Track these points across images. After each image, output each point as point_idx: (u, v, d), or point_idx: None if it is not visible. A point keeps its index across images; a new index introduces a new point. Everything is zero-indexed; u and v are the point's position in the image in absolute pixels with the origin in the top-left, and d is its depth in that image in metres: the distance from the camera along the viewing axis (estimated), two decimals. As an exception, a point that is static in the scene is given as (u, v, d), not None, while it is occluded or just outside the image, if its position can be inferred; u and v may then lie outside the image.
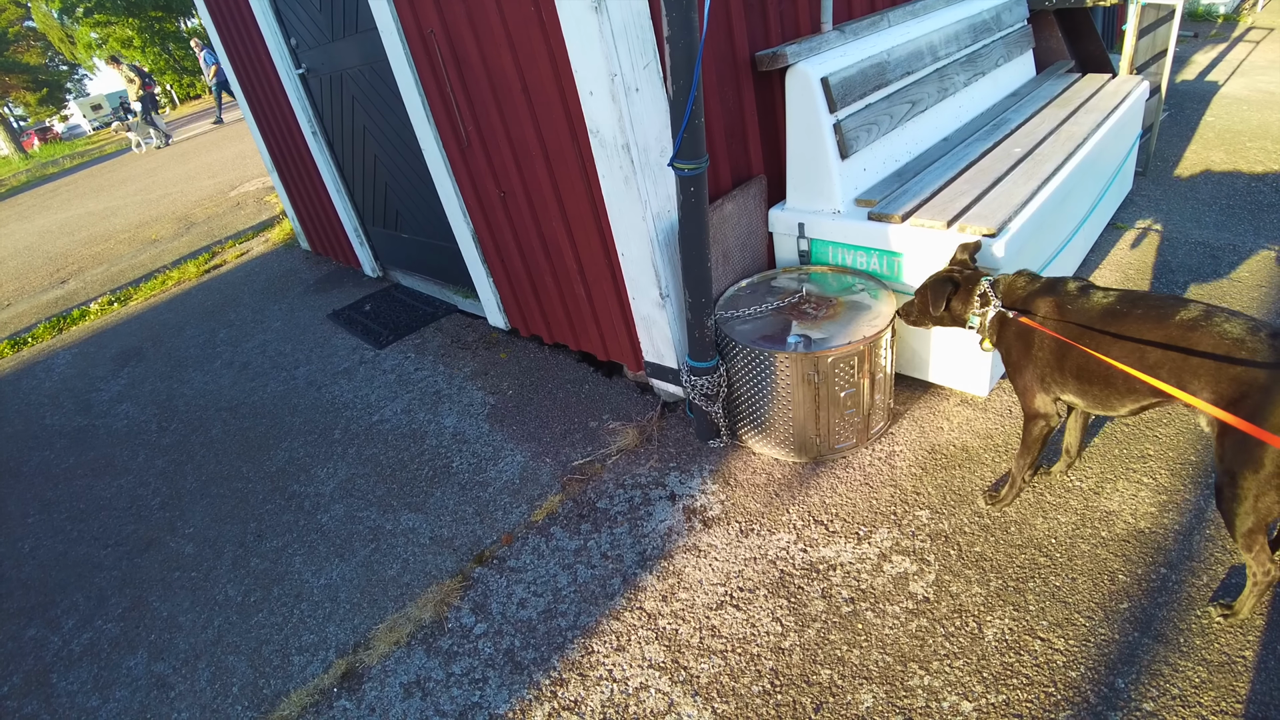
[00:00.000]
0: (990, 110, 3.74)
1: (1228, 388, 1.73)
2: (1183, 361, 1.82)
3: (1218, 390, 1.76)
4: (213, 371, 4.68)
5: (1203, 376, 1.78)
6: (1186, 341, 1.81)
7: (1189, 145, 4.92)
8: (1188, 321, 1.83)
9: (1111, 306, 1.99)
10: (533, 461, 3.16)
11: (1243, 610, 1.98)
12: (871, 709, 1.97)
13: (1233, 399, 1.72)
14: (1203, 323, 1.80)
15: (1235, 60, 6.58)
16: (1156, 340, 1.87)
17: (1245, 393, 1.70)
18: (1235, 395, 1.72)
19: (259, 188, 9.70)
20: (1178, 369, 1.83)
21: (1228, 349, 1.74)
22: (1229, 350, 1.73)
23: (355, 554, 2.88)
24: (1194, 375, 1.80)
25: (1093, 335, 1.99)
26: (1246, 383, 1.70)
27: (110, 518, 3.48)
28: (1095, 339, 1.99)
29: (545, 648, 2.33)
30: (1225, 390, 1.74)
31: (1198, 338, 1.80)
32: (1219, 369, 1.74)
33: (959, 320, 2.36)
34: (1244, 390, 1.70)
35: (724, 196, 2.88)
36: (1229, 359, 1.73)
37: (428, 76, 3.30)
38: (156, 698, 2.50)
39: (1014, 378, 2.28)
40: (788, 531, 2.55)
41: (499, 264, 3.75)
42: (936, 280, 2.34)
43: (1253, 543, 1.83)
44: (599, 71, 2.42)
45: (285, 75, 4.82)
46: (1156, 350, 1.87)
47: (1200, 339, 1.79)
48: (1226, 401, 1.73)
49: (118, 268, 7.66)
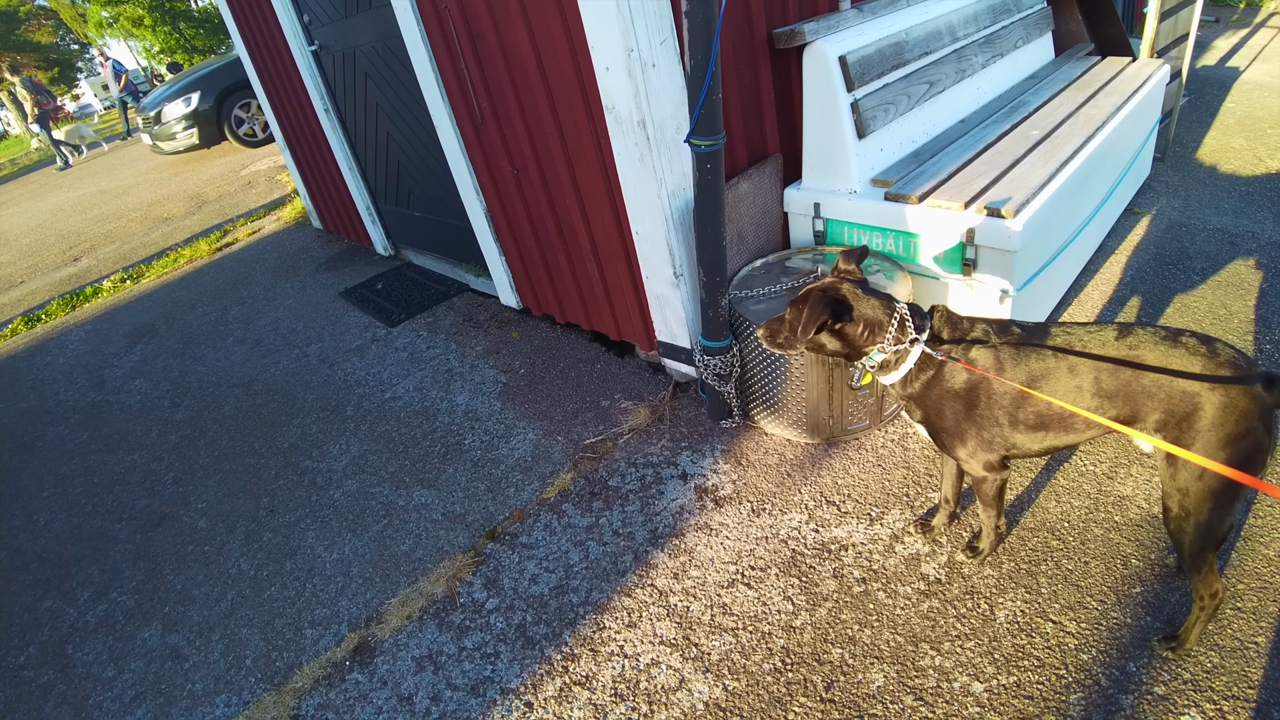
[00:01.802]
0: (1009, 92, 3.70)
1: (1182, 404, 1.64)
2: (1128, 385, 1.70)
3: (1169, 408, 1.66)
4: (225, 348, 4.70)
5: (1156, 398, 1.68)
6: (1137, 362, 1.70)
7: (1209, 131, 4.86)
8: (1134, 343, 1.72)
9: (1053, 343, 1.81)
10: (545, 439, 3.16)
11: (1189, 639, 1.89)
12: (882, 688, 1.98)
13: (1183, 415, 1.65)
14: (1147, 345, 1.70)
15: (1257, 46, 6.49)
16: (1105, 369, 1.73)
17: (1198, 407, 1.63)
18: (1187, 410, 1.64)
19: (270, 166, 9.70)
20: (1130, 395, 1.71)
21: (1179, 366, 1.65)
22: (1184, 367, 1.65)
23: (367, 529, 2.90)
24: (1148, 397, 1.69)
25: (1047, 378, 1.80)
26: (1199, 395, 1.62)
27: (124, 492, 3.51)
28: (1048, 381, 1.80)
29: (557, 623, 2.34)
30: (1177, 407, 1.65)
31: (1143, 355, 1.69)
32: (1171, 385, 1.65)
33: (853, 350, 1.94)
34: (1196, 406, 1.63)
35: (739, 175, 2.86)
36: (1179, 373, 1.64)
37: (442, 52, 3.28)
38: (171, 669, 2.52)
39: (949, 444, 1.99)
40: (800, 511, 2.55)
41: (511, 242, 3.74)
42: (823, 293, 1.89)
43: (1202, 563, 1.75)
44: (615, 47, 2.40)
45: (298, 52, 4.80)
46: (1109, 381, 1.73)
47: (1147, 357, 1.69)
48: (1179, 417, 1.66)
49: (130, 246, 7.69)
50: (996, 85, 3.67)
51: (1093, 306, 3.27)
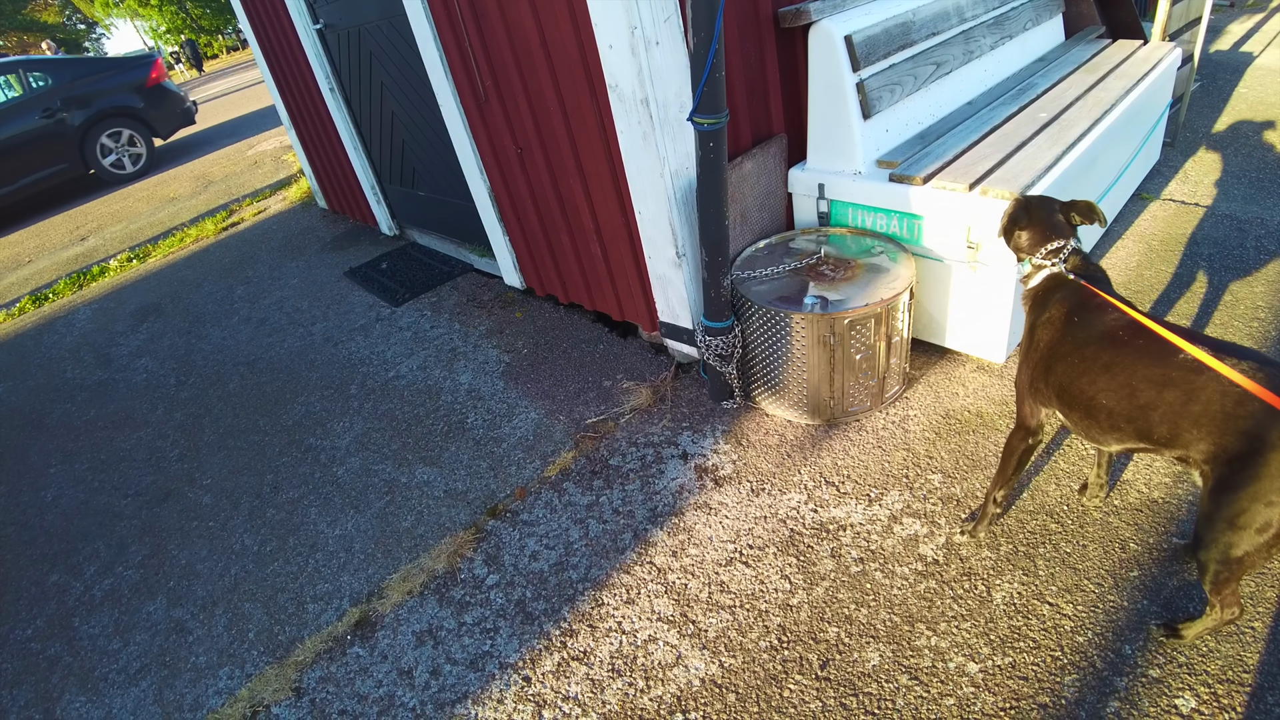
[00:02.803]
0: (1017, 74, 3.66)
1: (1233, 441, 1.55)
2: (1181, 407, 1.63)
3: (1221, 443, 1.58)
4: (230, 327, 4.72)
5: (1204, 425, 1.59)
6: (1190, 386, 1.61)
7: (1220, 117, 4.81)
8: (1189, 364, 1.62)
9: (1114, 332, 1.79)
10: (547, 419, 3.17)
11: (1188, 636, 1.88)
12: (878, 667, 1.99)
13: (1238, 454, 1.55)
14: (1205, 368, 1.59)
15: (1271, 31, 6.40)
16: (1151, 378, 1.68)
17: (1258, 449, 1.51)
18: (1243, 450, 1.54)
19: (276, 146, 9.70)
20: (1174, 414, 1.64)
21: (1239, 399, 1.54)
22: (1237, 400, 1.54)
23: (370, 506, 2.92)
24: (1195, 424, 1.60)
25: (1081, 357, 1.84)
26: (1260, 439, 1.51)
27: (130, 469, 3.53)
28: (1080, 362, 1.84)
29: (556, 599, 2.36)
30: (1230, 444, 1.56)
31: (1204, 383, 1.59)
32: (1225, 420, 1.55)
33: (1018, 250, 2.11)
34: (1257, 445, 1.51)
35: (743, 155, 2.85)
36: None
37: (446, 30, 3.27)
38: (175, 642, 2.55)
39: (1018, 366, 2.09)
40: (799, 492, 2.56)
41: (515, 222, 3.74)
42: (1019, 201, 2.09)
43: (1223, 589, 1.70)
44: (619, 24, 2.38)
45: (303, 31, 4.79)
46: (1148, 389, 1.68)
47: (1207, 385, 1.59)
48: (1228, 455, 1.56)
49: (136, 225, 7.70)
50: (1005, 67, 3.64)
51: (1098, 291, 3.25)
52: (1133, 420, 1.73)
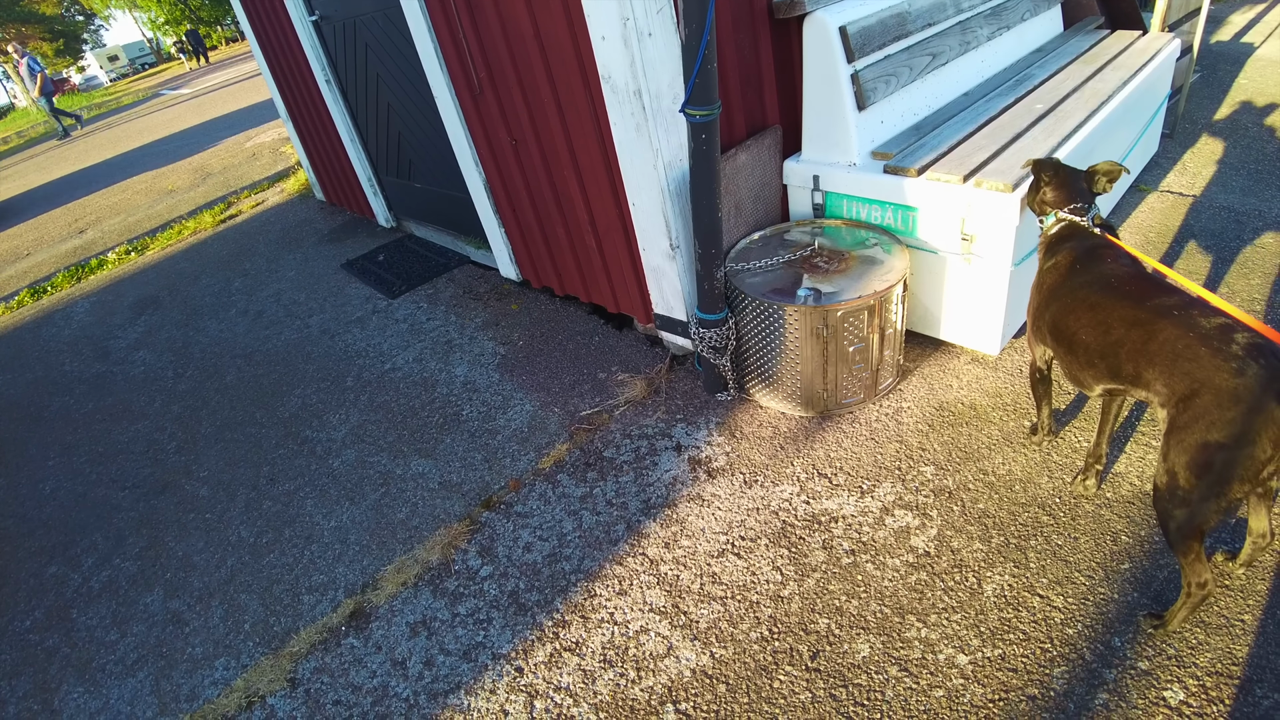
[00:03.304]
0: (1014, 65, 3.65)
1: (1180, 382, 1.67)
2: (1142, 345, 1.76)
3: (1170, 384, 1.70)
4: (228, 320, 4.72)
5: (1159, 365, 1.72)
6: (1152, 325, 1.75)
7: (1219, 108, 4.79)
8: (1162, 306, 1.77)
9: (1107, 277, 1.95)
10: (541, 411, 3.18)
11: (1172, 622, 1.90)
12: (868, 659, 1.99)
13: (1184, 395, 1.65)
14: (1176, 311, 1.73)
15: (1273, 22, 6.36)
16: (1124, 317, 1.83)
17: (1197, 390, 1.63)
18: (1186, 391, 1.65)
19: (275, 138, 9.68)
20: (1136, 352, 1.78)
21: (1189, 343, 1.67)
22: (1193, 345, 1.66)
23: (365, 498, 2.93)
24: (1150, 363, 1.74)
25: (1074, 297, 2.00)
26: (1201, 380, 1.62)
27: (128, 461, 3.54)
28: (1072, 302, 2.00)
29: (549, 590, 2.37)
30: (1178, 385, 1.67)
31: (1164, 325, 1.73)
32: (1174, 360, 1.68)
33: (1042, 205, 2.27)
34: (1196, 388, 1.63)
35: (738, 146, 2.84)
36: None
37: (440, 22, 3.26)
38: (172, 633, 2.57)
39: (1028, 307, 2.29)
40: (791, 483, 2.56)
41: (511, 214, 3.73)
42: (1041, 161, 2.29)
43: (1188, 549, 1.75)
44: (611, 15, 2.38)
45: (299, 22, 4.77)
46: (1119, 328, 1.83)
47: (1165, 327, 1.73)
48: (1179, 396, 1.67)
49: (135, 218, 7.71)
50: (1002, 58, 3.63)
51: (1093, 283, 3.25)
52: (1105, 356, 1.89)
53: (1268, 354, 1.57)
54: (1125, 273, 1.95)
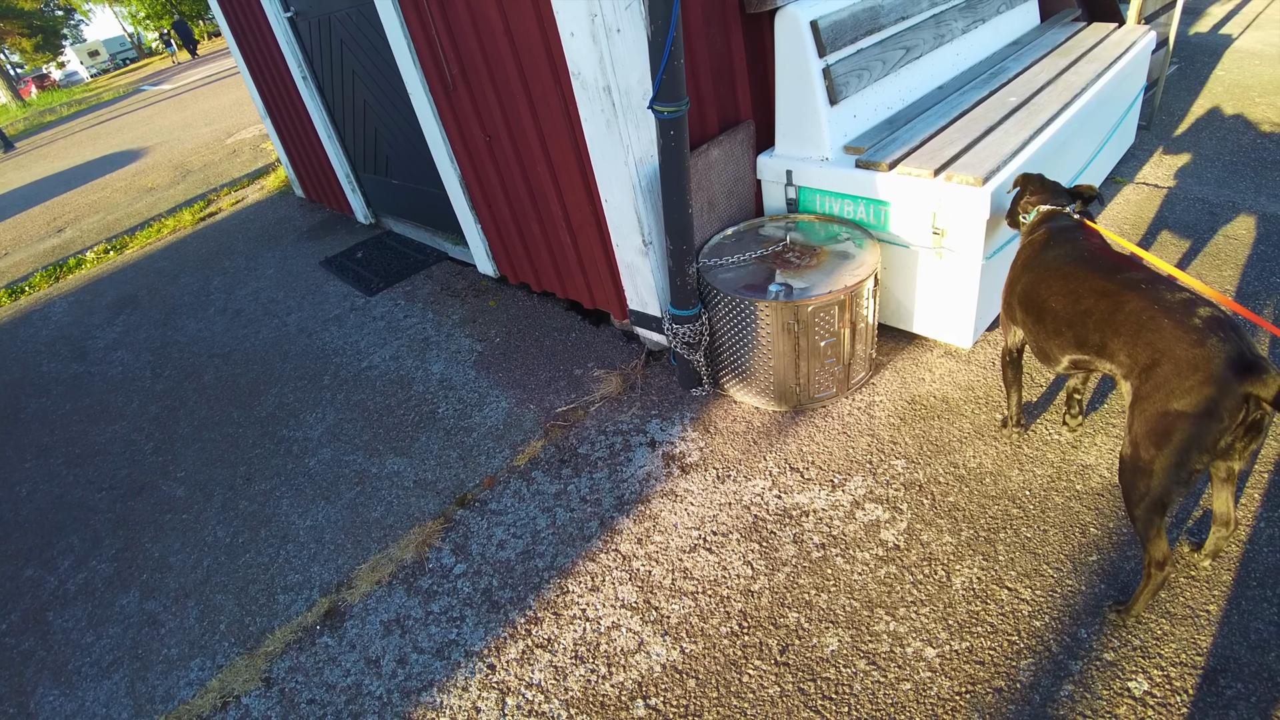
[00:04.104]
0: (989, 59, 3.66)
1: (1143, 352, 1.70)
2: (1109, 315, 1.81)
3: (1133, 354, 1.73)
4: (206, 319, 4.70)
5: (1124, 335, 1.76)
6: (1120, 297, 1.80)
7: (1196, 100, 4.81)
8: (1131, 280, 1.81)
9: (1080, 251, 2.01)
10: (517, 407, 3.18)
11: (1135, 607, 1.91)
12: (836, 652, 2.01)
13: (1146, 365, 1.69)
14: (1144, 285, 1.78)
15: (1252, 13, 6.39)
16: (1094, 288, 1.88)
17: (1158, 360, 1.67)
18: (1148, 362, 1.69)
19: (255, 135, 9.62)
20: (1102, 322, 1.83)
21: (1153, 314, 1.71)
22: (1156, 316, 1.70)
23: (341, 497, 2.92)
24: (1115, 333, 1.79)
25: (1047, 268, 2.06)
26: (1162, 351, 1.66)
27: (105, 462, 3.53)
28: (1045, 272, 2.06)
29: (522, 587, 2.37)
30: (1141, 355, 1.71)
31: (1131, 296, 1.78)
32: (1138, 331, 1.72)
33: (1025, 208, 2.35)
34: (1157, 358, 1.67)
35: (710, 142, 2.84)
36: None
37: (412, 18, 3.24)
38: (148, 634, 2.56)
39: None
40: (763, 478, 2.57)
41: (486, 210, 3.72)
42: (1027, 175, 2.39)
43: (1149, 527, 1.76)
44: (579, 11, 2.37)
45: (274, 19, 4.74)
46: (1089, 298, 1.88)
47: (1132, 299, 1.77)
48: (1141, 366, 1.71)
49: (113, 216, 7.65)
50: (977, 51, 3.63)
51: (1067, 275, 3.27)
52: (1073, 325, 1.93)
53: (1227, 327, 1.62)
54: (1098, 248, 2.00)
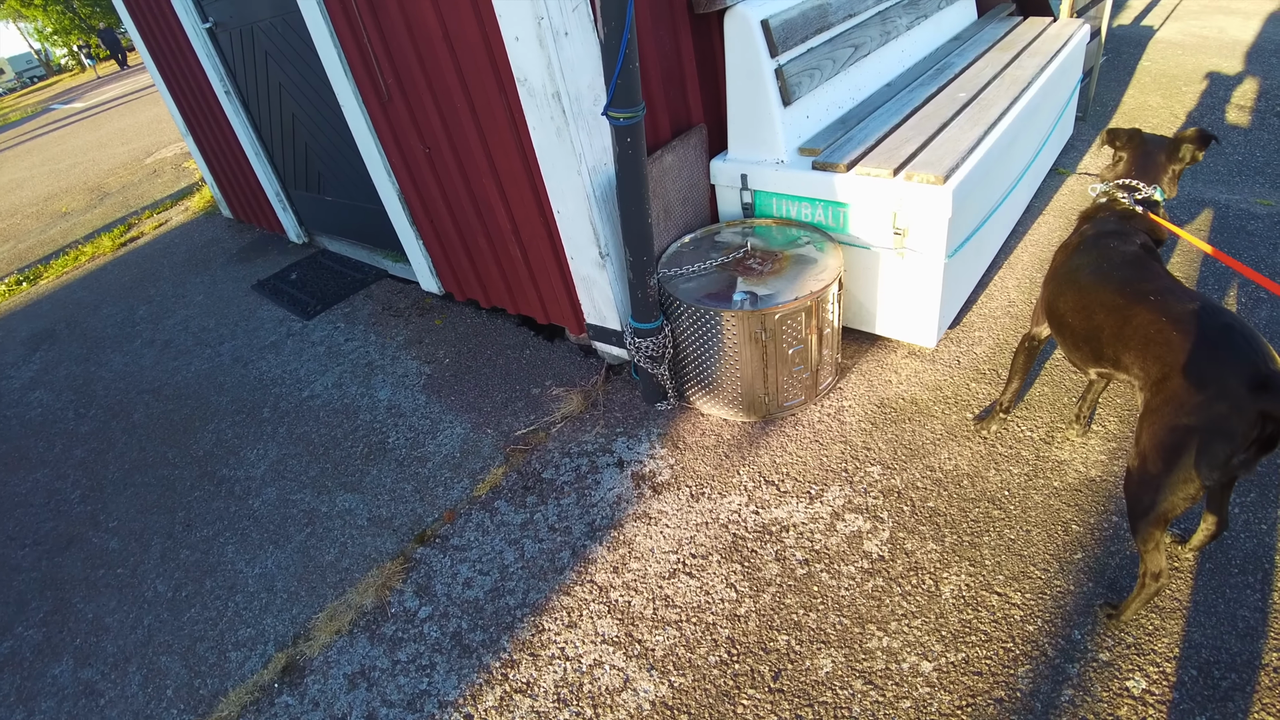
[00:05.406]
0: (934, 54, 3.65)
1: (1153, 366, 1.66)
2: (1119, 330, 1.77)
3: (1145, 368, 1.69)
4: (132, 352, 4.41)
5: (1133, 349, 1.72)
6: (1128, 311, 1.76)
7: (1127, 90, 4.92)
8: (1140, 292, 1.77)
9: (1101, 261, 1.93)
10: (473, 433, 3.03)
11: (1126, 612, 1.88)
12: (831, 674, 1.93)
13: (1157, 379, 1.64)
14: (1153, 296, 1.73)
15: (1169, 5, 6.60)
16: (1105, 303, 1.84)
17: (1168, 375, 1.61)
18: (1159, 375, 1.64)
19: (177, 153, 9.20)
20: (1114, 337, 1.79)
21: (1161, 327, 1.66)
22: (1165, 329, 1.65)
23: (290, 539, 2.74)
24: (1126, 347, 1.75)
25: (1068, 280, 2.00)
26: (1172, 365, 1.61)
27: (26, 515, 3.26)
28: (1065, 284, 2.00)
29: (494, 628, 2.23)
30: (1152, 369, 1.67)
31: (1139, 310, 1.74)
32: (1147, 345, 1.68)
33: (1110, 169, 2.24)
34: (1168, 372, 1.62)
35: (663, 148, 2.74)
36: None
37: (342, 26, 3.07)
38: (85, 706, 2.34)
39: None
40: (739, 493, 2.48)
41: (428, 225, 3.56)
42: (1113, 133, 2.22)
43: (1149, 537, 1.72)
44: (524, 15, 2.25)
45: (191, 30, 4.49)
46: (1100, 313, 1.84)
47: (1140, 312, 1.73)
48: (1153, 380, 1.66)
49: (25, 244, 7.21)
50: (922, 47, 3.62)
51: (1023, 269, 3.27)
52: (1088, 340, 1.89)
53: (1242, 339, 1.55)
54: (1122, 256, 1.91)
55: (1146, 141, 2.12)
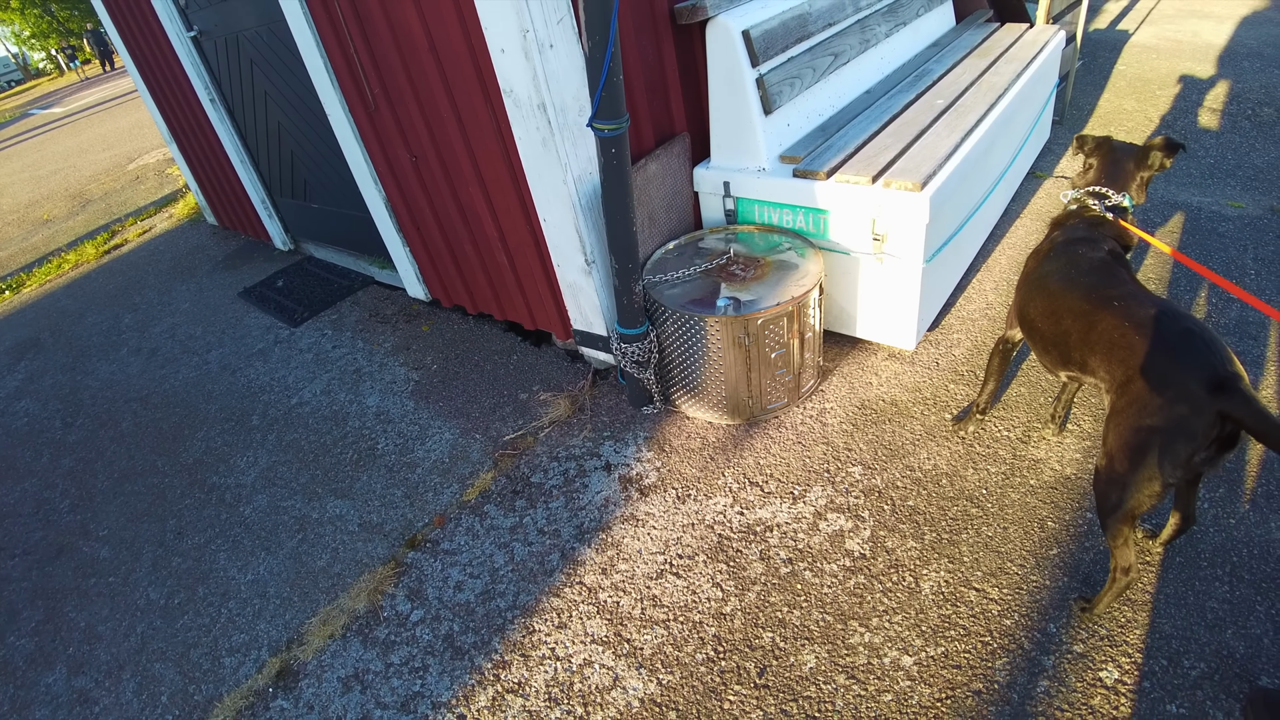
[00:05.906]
0: (912, 61, 3.72)
1: (1118, 369, 1.72)
2: (1084, 335, 1.83)
3: (1110, 371, 1.75)
4: (119, 360, 4.42)
5: (1099, 353, 1.78)
6: (1093, 316, 1.82)
7: (1102, 94, 5.01)
8: (1105, 297, 1.83)
9: (1068, 268, 1.99)
10: (462, 438, 3.07)
11: (1099, 606, 1.93)
12: (814, 669, 1.98)
13: (1122, 381, 1.71)
14: (1117, 301, 1.79)
15: (1144, 9, 6.71)
16: (1071, 308, 1.89)
17: (1132, 377, 1.67)
18: (1123, 378, 1.70)
19: (160, 159, 9.16)
20: (1080, 341, 1.85)
21: (1124, 332, 1.72)
22: (1128, 333, 1.71)
23: (282, 546, 2.77)
24: (1092, 351, 1.81)
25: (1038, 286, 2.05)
26: (1134, 367, 1.67)
27: (15, 525, 3.26)
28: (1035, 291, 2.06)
29: (485, 630, 2.27)
30: (1116, 372, 1.73)
31: (1104, 315, 1.80)
32: (1111, 349, 1.74)
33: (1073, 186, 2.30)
34: (1131, 375, 1.68)
35: (647, 156, 2.79)
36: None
37: (329, 35, 3.10)
38: (79, 714, 2.36)
39: None
40: (724, 495, 2.53)
41: (415, 232, 3.60)
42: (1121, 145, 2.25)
43: (1118, 533, 1.77)
44: (510, 27, 2.29)
45: (176, 39, 4.50)
46: (1067, 318, 1.90)
47: (1105, 317, 1.79)
48: (1117, 383, 1.72)
49: (7, 252, 7.16)
50: (900, 54, 3.69)
51: (1000, 272, 3.34)
52: (1057, 344, 1.95)
53: (1201, 342, 1.61)
54: (1089, 263, 1.96)
55: (1116, 149, 2.18)
